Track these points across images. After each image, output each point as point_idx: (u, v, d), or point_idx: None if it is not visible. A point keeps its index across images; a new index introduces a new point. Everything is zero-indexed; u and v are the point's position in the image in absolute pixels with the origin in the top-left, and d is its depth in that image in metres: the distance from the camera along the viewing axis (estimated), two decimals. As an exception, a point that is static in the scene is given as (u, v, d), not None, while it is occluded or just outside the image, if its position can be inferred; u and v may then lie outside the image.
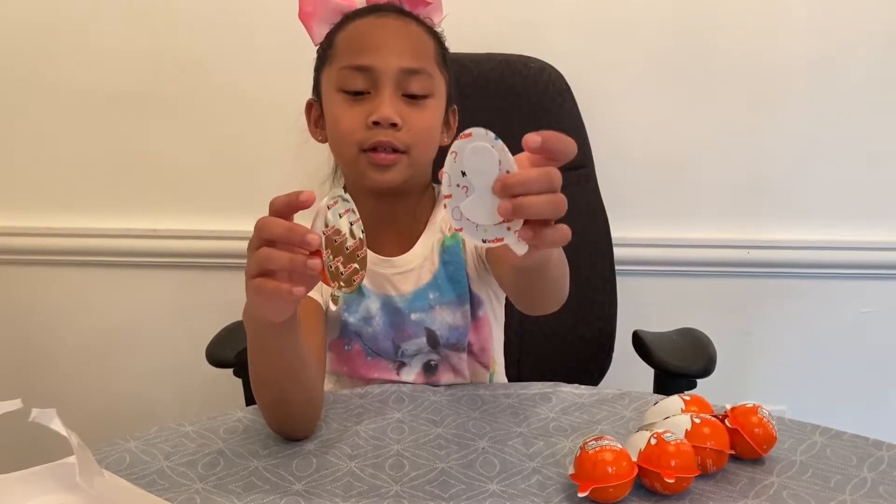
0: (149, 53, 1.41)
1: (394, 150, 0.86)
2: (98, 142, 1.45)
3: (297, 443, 0.77)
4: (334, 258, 0.61)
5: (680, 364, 1.07)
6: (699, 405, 0.74)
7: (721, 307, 1.47)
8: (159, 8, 1.39)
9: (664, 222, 1.43)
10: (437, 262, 0.94)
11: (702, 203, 1.43)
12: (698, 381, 1.05)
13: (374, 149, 0.86)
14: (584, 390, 0.88)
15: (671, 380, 1.07)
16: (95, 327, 1.54)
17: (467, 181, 0.55)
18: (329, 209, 0.61)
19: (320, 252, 0.60)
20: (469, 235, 0.56)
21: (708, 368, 1.04)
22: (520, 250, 0.55)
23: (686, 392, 0.77)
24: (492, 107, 1.20)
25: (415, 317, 0.93)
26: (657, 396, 0.82)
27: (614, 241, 1.23)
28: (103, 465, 0.61)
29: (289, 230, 0.60)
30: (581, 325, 1.21)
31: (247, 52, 1.39)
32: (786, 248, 1.43)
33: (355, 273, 0.63)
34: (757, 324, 1.48)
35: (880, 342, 1.48)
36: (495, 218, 0.55)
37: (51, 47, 1.42)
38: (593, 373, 1.23)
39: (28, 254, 1.50)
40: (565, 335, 1.21)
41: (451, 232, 0.94)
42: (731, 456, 0.70)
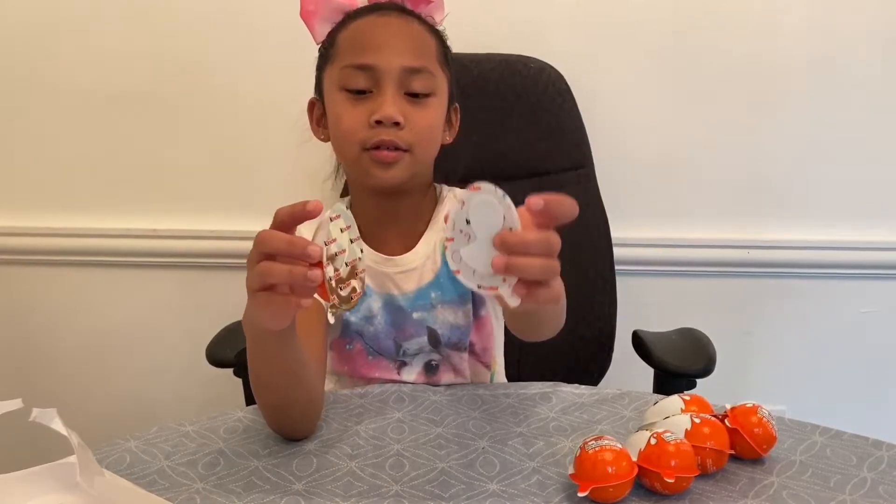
0: (149, 53, 1.40)
1: (396, 148, 0.86)
2: (98, 142, 1.45)
3: (297, 443, 0.77)
4: (335, 272, 0.61)
5: (680, 364, 1.07)
6: (699, 405, 0.74)
7: (721, 307, 1.47)
8: (159, 8, 1.39)
9: (664, 222, 1.43)
10: (440, 261, 0.94)
11: (702, 203, 1.43)
12: (698, 381, 1.05)
13: (377, 147, 0.86)
14: (584, 390, 0.89)
15: (671, 380, 1.07)
16: (95, 327, 1.54)
17: (470, 229, 0.57)
18: (331, 221, 0.61)
19: (321, 264, 0.60)
20: (465, 279, 0.58)
21: (708, 368, 1.04)
22: (512, 303, 0.57)
23: (686, 392, 0.77)
24: (492, 107, 1.20)
25: (416, 316, 0.93)
26: (657, 396, 0.82)
27: (614, 241, 1.23)
28: (104, 465, 0.61)
29: (288, 243, 0.60)
30: (581, 325, 1.21)
31: (247, 51, 1.39)
32: (786, 248, 1.43)
33: (353, 291, 0.63)
34: (757, 324, 1.48)
35: (880, 342, 1.48)
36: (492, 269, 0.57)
37: (51, 47, 1.41)
38: (593, 373, 1.23)
39: (28, 254, 1.50)
40: (565, 335, 1.20)
41: None
42: (731, 456, 0.70)
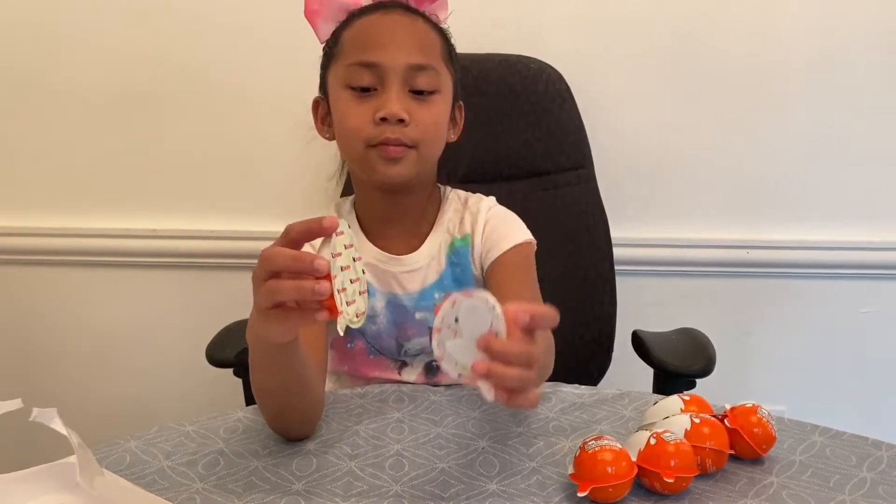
0: (150, 54, 1.40)
1: (402, 145, 0.86)
2: (98, 142, 1.45)
3: (297, 443, 0.77)
4: (342, 287, 0.60)
5: (679, 364, 1.07)
6: (699, 405, 0.74)
7: (721, 307, 1.47)
8: (161, 8, 1.38)
9: (664, 222, 1.43)
10: (445, 262, 0.94)
11: (702, 203, 1.43)
12: (698, 380, 1.05)
13: (383, 144, 0.86)
14: (584, 390, 0.89)
15: (671, 380, 1.07)
16: (95, 327, 1.54)
17: (458, 326, 0.59)
18: (336, 237, 0.60)
19: (329, 276, 0.59)
20: (448, 368, 0.59)
21: (707, 368, 1.04)
22: (489, 398, 0.58)
23: (685, 392, 0.77)
24: (492, 107, 1.20)
25: (419, 316, 0.93)
26: (657, 396, 0.82)
27: (614, 241, 1.23)
28: (104, 465, 0.61)
29: (294, 259, 0.59)
30: (581, 325, 1.21)
31: (247, 51, 1.39)
32: (785, 248, 1.43)
33: (358, 311, 0.63)
34: (757, 324, 1.48)
35: (880, 342, 1.48)
36: None
37: (51, 48, 1.41)
38: (593, 373, 1.23)
39: (28, 254, 1.50)
40: (565, 335, 1.20)
41: (462, 234, 0.95)
42: (731, 456, 0.70)
